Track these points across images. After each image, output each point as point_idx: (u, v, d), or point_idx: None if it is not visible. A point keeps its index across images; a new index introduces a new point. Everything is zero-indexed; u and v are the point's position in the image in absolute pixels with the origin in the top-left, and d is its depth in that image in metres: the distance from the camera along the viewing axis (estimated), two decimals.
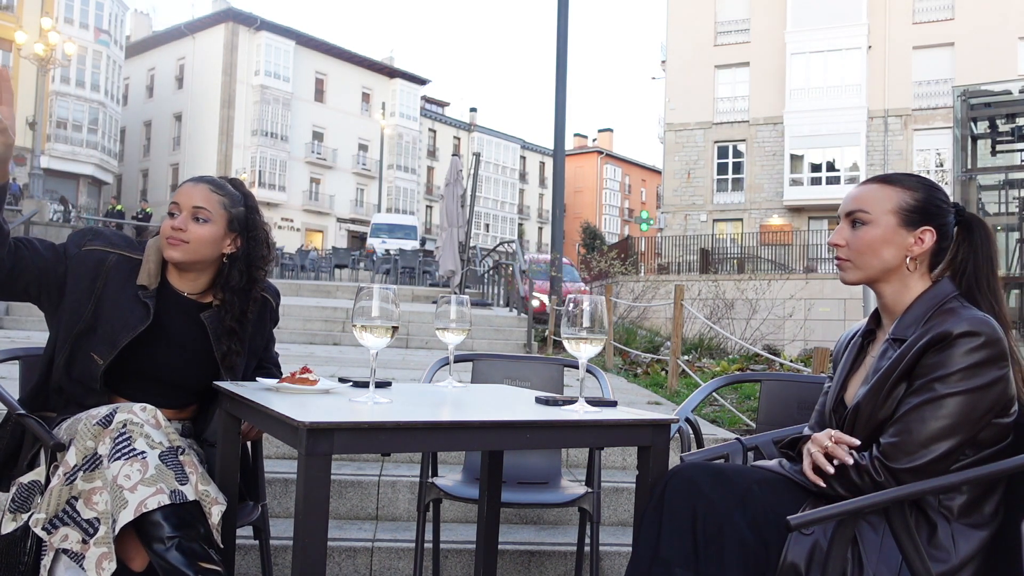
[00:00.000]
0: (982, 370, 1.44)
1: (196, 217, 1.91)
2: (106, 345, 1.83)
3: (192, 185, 1.97)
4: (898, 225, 1.59)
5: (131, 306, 1.87)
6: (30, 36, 22.02)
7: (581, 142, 65.35)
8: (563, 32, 11.91)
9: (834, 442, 1.51)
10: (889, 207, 1.60)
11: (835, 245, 1.65)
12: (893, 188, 1.62)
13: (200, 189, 1.95)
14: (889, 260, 1.59)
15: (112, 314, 1.85)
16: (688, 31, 27.98)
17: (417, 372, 5.90)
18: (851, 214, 1.63)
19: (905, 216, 1.59)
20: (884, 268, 1.60)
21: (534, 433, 1.48)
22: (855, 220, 1.62)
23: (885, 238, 1.59)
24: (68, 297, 1.86)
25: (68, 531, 1.57)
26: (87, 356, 1.83)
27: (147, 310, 1.87)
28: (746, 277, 15.12)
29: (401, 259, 21.96)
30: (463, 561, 2.72)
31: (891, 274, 1.61)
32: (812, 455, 1.53)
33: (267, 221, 2.08)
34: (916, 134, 25.53)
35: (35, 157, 21.37)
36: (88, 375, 1.83)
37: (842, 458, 1.48)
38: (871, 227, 1.60)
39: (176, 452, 1.65)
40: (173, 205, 1.93)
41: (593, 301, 1.60)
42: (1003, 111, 12.08)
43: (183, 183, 1.99)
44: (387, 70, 48.00)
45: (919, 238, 1.59)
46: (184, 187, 1.97)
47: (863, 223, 1.61)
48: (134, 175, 43.94)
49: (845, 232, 1.64)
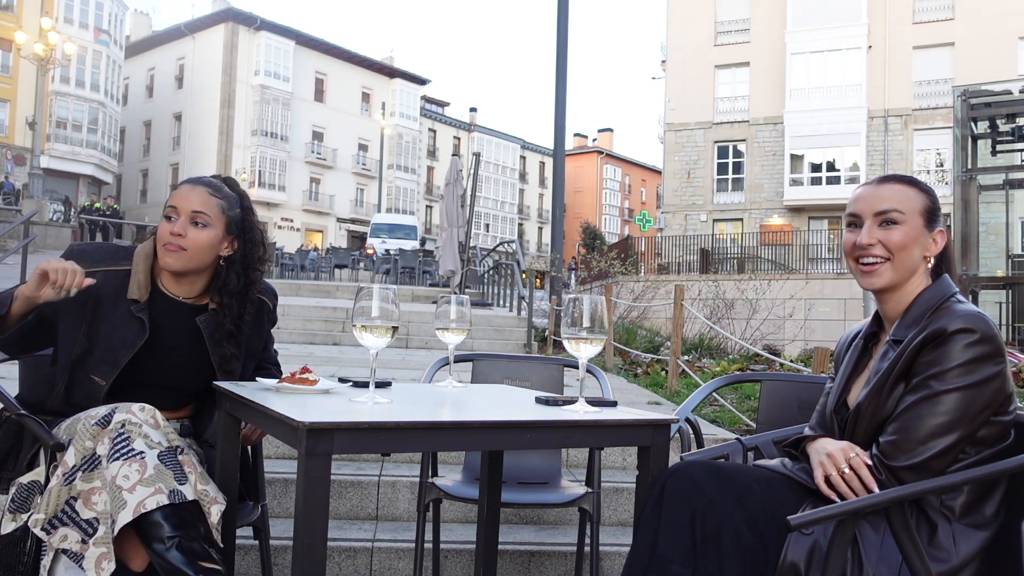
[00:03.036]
0: (978, 366, 1.44)
1: (195, 222, 1.87)
2: (107, 366, 1.82)
3: (190, 188, 1.91)
4: (923, 225, 1.59)
5: (126, 323, 1.84)
6: (30, 36, 22.02)
7: (581, 142, 65.35)
8: (563, 32, 11.91)
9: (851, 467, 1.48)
10: (917, 207, 1.59)
11: (867, 245, 1.59)
12: (914, 189, 1.62)
13: (198, 192, 1.90)
14: (917, 260, 1.59)
15: (108, 334, 1.83)
16: (688, 31, 27.98)
17: (417, 372, 5.90)
18: (884, 213, 1.59)
19: (928, 217, 1.60)
20: (915, 266, 1.59)
21: (534, 433, 1.47)
22: (888, 220, 1.58)
23: (916, 238, 1.58)
24: (60, 326, 1.84)
25: (67, 531, 1.57)
26: (88, 379, 1.82)
27: (142, 325, 1.84)
28: (746, 277, 15.12)
29: (401, 259, 21.96)
30: (463, 561, 2.72)
31: (913, 275, 1.60)
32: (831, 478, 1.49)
33: (262, 220, 2.06)
34: (916, 134, 25.54)
35: (35, 157, 21.38)
36: (89, 397, 1.81)
37: (870, 488, 1.45)
38: (904, 227, 1.58)
39: (175, 452, 1.65)
40: (170, 208, 1.88)
41: (593, 301, 1.60)
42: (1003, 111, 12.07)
43: (180, 185, 1.94)
44: (387, 70, 48.01)
45: (935, 239, 1.60)
46: (182, 190, 1.91)
47: (895, 223, 1.58)
48: (134, 175, 43.94)
49: (876, 232, 1.59)
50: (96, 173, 34.93)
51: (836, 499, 1.47)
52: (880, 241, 1.58)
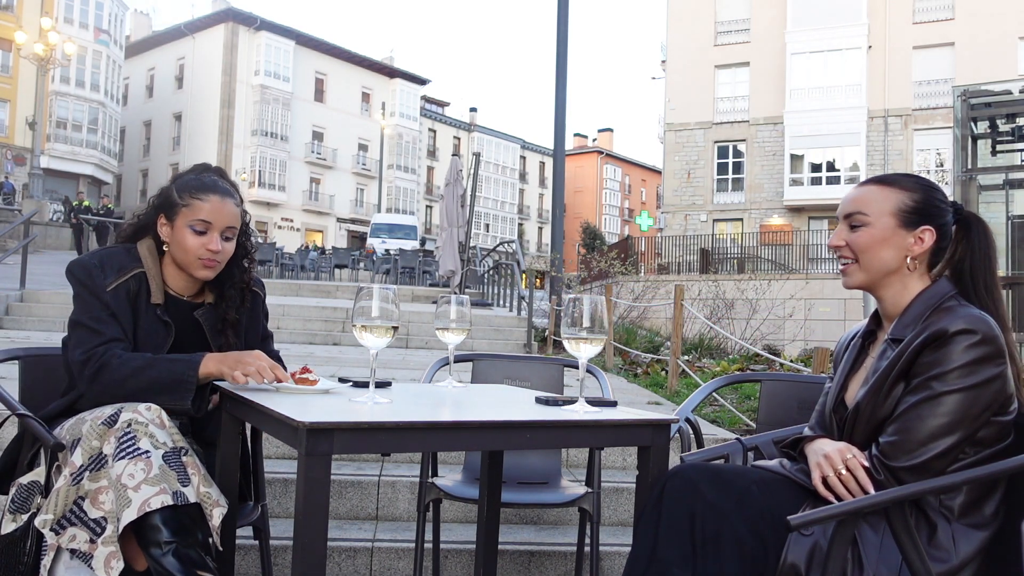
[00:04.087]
0: (979, 367, 1.44)
1: (226, 237, 1.91)
2: None
3: (221, 202, 1.89)
4: (897, 226, 1.59)
5: (154, 326, 1.89)
6: (30, 36, 22.03)
7: (581, 142, 65.34)
8: (563, 32, 11.91)
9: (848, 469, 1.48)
10: (887, 208, 1.59)
11: (835, 247, 1.64)
12: (891, 189, 1.61)
13: (229, 206, 1.91)
14: (889, 261, 1.59)
15: (144, 339, 1.88)
16: (688, 31, 27.98)
17: (417, 372, 5.90)
18: (849, 216, 1.63)
19: (904, 217, 1.59)
20: (885, 270, 1.60)
21: (534, 433, 1.47)
22: (853, 223, 1.62)
23: (884, 239, 1.59)
24: None
25: (76, 531, 1.57)
26: None
27: (168, 327, 1.90)
28: (746, 277, 15.13)
29: (401, 259, 21.97)
30: (463, 561, 2.72)
31: (892, 276, 1.60)
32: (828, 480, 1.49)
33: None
34: (916, 134, 25.54)
35: (35, 157, 21.40)
36: None
37: (866, 489, 1.45)
38: (869, 228, 1.60)
39: (179, 453, 1.66)
40: (202, 223, 1.87)
41: (593, 301, 1.60)
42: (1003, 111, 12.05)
43: (207, 196, 1.89)
44: (387, 70, 48.01)
45: (919, 238, 1.59)
46: (212, 204, 1.88)
47: (861, 225, 1.61)
48: (134, 175, 43.95)
49: (844, 234, 1.63)
50: (96, 173, 34.94)
51: (833, 500, 1.47)
52: (847, 243, 1.62)
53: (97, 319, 1.81)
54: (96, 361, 1.75)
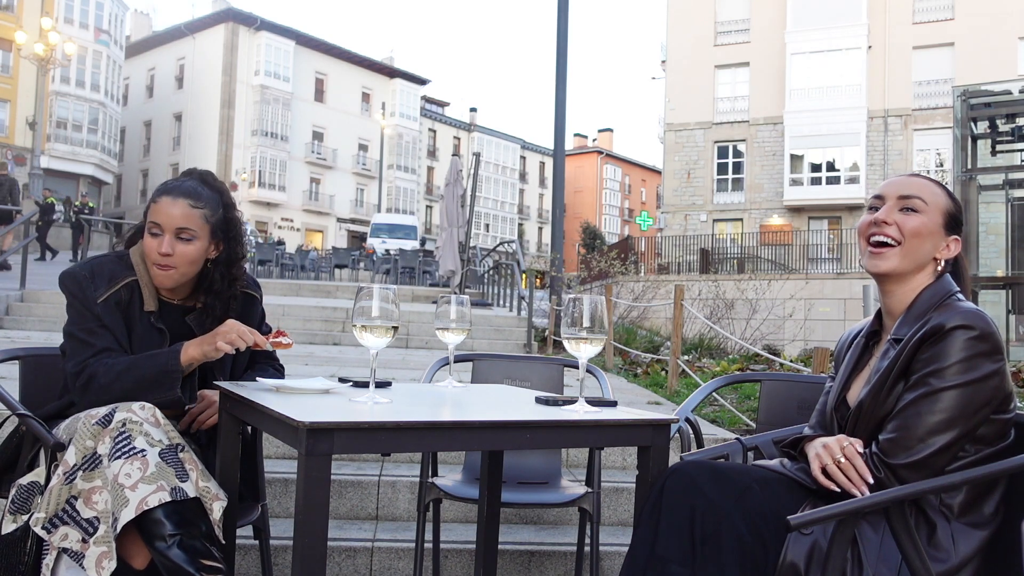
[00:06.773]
0: (977, 363, 1.44)
1: (180, 237, 1.87)
2: None
3: (171, 203, 1.86)
4: (942, 225, 1.59)
5: (148, 334, 1.89)
6: (30, 36, 22.02)
7: (581, 142, 65.34)
8: (563, 32, 11.91)
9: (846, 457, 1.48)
10: (940, 204, 1.60)
11: (882, 222, 1.58)
12: (941, 190, 1.62)
13: (180, 207, 1.86)
14: (926, 255, 1.59)
15: (139, 346, 1.88)
16: (688, 31, 27.98)
17: (417, 372, 5.90)
18: (907, 198, 1.59)
19: (948, 219, 1.60)
20: (920, 262, 1.59)
21: (534, 433, 1.47)
22: (910, 206, 1.59)
23: (931, 232, 1.58)
24: None
25: (68, 530, 1.57)
26: None
27: (162, 334, 1.90)
28: (746, 277, 15.11)
29: (401, 259, 21.95)
30: (463, 561, 2.72)
31: (917, 273, 1.59)
32: (827, 468, 1.50)
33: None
34: (916, 134, 25.53)
35: (35, 157, 21.39)
36: None
37: (864, 477, 1.45)
38: (923, 216, 1.58)
39: (176, 449, 1.66)
40: (153, 225, 1.87)
41: (593, 301, 1.60)
42: (1003, 111, 12.04)
43: (159, 198, 1.88)
44: (387, 70, 48.00)
45: (948, 245, 1.60)
46: (162, 205, 1.86)
47: (915, 211, 1.58)
48: (134, 175, 43.94)
49: (895, 214, 1.59)
50: (96, 173, 34.92)
51: (834, 488, 1.47)
52: (897, 223, 1.58)
53: (88, 331, 1.82)
54: (85, 373, 1.77)
